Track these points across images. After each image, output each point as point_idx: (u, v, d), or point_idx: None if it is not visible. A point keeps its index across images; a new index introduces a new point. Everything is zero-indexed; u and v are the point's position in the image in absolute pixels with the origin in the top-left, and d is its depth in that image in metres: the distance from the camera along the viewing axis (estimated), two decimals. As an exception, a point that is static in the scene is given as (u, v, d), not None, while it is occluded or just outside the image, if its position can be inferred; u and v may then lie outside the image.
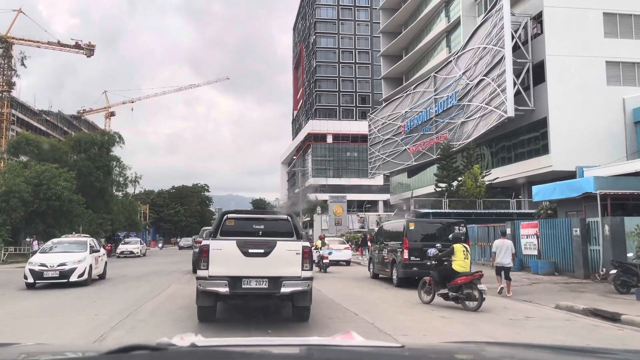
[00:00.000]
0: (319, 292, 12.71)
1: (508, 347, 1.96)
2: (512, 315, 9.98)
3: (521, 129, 33.04)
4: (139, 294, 13.46)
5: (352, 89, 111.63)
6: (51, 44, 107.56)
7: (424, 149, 46.20)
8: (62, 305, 11.92)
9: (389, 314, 10.20)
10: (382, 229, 15.53)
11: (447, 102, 41.93)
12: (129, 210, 43.06)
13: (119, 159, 41.47)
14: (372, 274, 16.26)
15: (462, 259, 10.58)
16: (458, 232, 12.40)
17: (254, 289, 8.09)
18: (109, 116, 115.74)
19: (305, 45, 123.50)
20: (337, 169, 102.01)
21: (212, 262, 8.05)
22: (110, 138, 38.20)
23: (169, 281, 17.03)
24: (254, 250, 8.13)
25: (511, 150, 34.95)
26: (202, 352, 1.43)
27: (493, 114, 33.37)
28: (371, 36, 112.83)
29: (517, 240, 17.92)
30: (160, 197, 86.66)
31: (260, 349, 1.54)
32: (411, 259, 12.70)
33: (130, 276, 19.40)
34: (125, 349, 1.34)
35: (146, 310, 10.58)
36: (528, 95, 31.50)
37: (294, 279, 8.09)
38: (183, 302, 11.39)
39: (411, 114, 49.08)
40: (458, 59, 40.69)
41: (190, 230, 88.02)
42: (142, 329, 8.50)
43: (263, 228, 8.98)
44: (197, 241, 22.92)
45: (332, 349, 1.58)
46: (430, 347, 1.98)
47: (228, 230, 8.78)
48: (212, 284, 8.01)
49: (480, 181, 28.20)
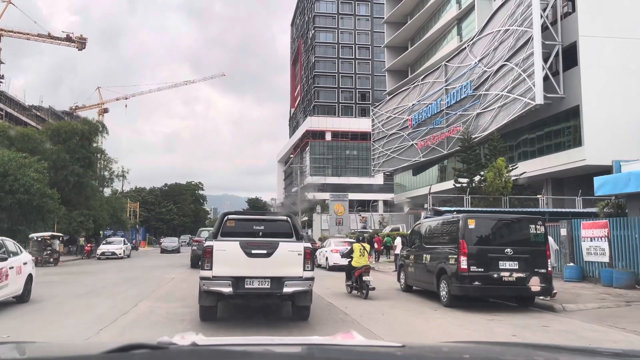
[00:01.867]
0: (346, 316, 9.57)
1: (508, 346, 1.99)
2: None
3: (548, 120, 29.82)
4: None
5: (351, 85, 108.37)
6: (41, 36, 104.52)
7: (434, 143, 42.96)
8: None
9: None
10: (420, 228, 12.10)
11: (460, 92, 38.70)
12: (115, 207, 39.51)
13: (103, 151, 37.99)
14: (404, 285, 12.86)
15: (358, 256, 12.18)
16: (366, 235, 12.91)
17: (256, 288, 8.17)
18: (102, 113, 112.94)
19: (303, 41, 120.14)
20: (336, 168, 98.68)
21: (215, 263, 8.09)
22: (92, 127, 34.66)
23: (140, 295, 12.36)
24: (257, 251, 8.20)
25: (535, 143, 31.72)
26: (203, 351, 1.43)
27: (516, 103, 30.13)
28: (372, 31, 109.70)
29: (576, 244, 14.69)
30: (152, 195, 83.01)
31: (261, 348, 1.53)
32: (471, 269, 9.28)
33: (80, 293, 13.09)
34: (125, 347, 1.32)
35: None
36: (557, 82, 28.30)
37: (296, 279, 8.19)
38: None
39: (419, 106, 45.85)
40: (473, 45, 37.49)
41: (183, 229, 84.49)
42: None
43: (263, 229, 9.04)
44: (196, 240, 24.03)
45: (333, 348, 1.58)
46: (430, 347, 1.93)
47: (228, 231, 8.82)
48: (216, 284, 8.05)
49: (505, 176, 24.93)
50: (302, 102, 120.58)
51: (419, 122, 45.80)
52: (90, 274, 19.97)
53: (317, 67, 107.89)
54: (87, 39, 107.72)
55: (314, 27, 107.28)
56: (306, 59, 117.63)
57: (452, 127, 39.38)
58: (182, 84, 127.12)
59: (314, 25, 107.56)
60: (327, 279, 17.04)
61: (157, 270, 20.78)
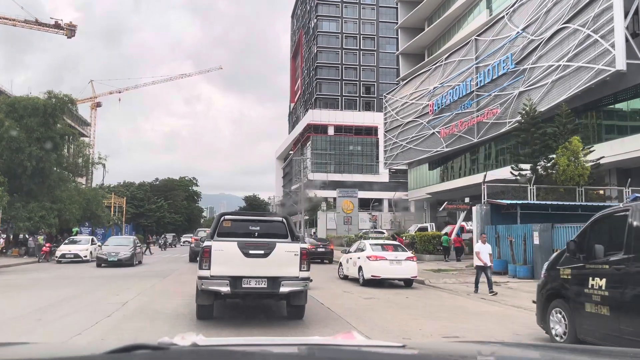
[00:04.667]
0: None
1: (509, 346, 1.95)
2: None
3: (622, 94, 23.97)
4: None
5: (355, 78, 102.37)
6: (28, 22, 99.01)
7: (461, 130, 37.11)
8: None
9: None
10: (633, 220, 5.85)
11: (497, 69, 32.85)
12: (89, 200, 33.27)
13: (74, 133, 31.66)
14: (575, 331, 6.17)
15: None
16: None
17: (253, 288, 8.20)
18: (95, 107, 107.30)
19: (305, 32, 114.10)
20: (338, 164, 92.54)
21: (214, 263, 8.12)
22: (59, 102, 28.36)
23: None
24: (255, 251, 8.25)
25: (601, 124, 25.86)
26: (203, 351, 1.42)
27: (581, 74, 24.30)
28: (377, 21, 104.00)
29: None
30: (141, 190, 76.65)
31: (261, 349, 1.52)
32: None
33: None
34: (126, 348, 1.31)
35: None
36: (638, 45, 22.45)
37: (292, 279, 8.22)
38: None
39: (442, 89, 40.01)
40: (513, 13, 31.67)
41: (174, 228, 78.09)
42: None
43: (259, 229, 9.11)
44: (194, 239, 25.00)
45: (333, 348, 1.57)
46: (430, 347, 1.88)
47: (225, 232, 8.88)
48: (214, 283, 8.06)
49: (581, 161, 19.13)
50: (303, 96, 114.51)
51: (441, 107, 39.95)
52: (18, 288, 13.92)
53: (319, 57, 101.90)
54: (76, 27, 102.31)
55: (317, 15, 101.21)
56: (307, 50, 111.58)
57: (487, 110, 33.51)
58: (178, 77, 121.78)
59: (316, 13, 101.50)
60: (370, 304, 11.12)
61: (112, 284, 14.53)
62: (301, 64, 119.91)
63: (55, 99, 28.47)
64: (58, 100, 28.40)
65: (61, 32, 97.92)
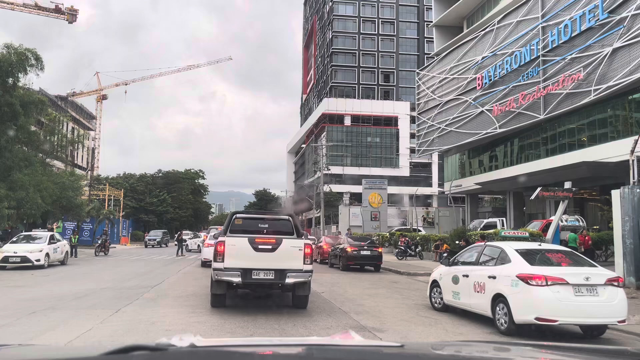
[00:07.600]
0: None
1: (509, 346, 1.94)
2: None
3: None
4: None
5: (374, 65, 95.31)
6: (27, 6, 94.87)
7: (521, 106, 30.15)
8: None
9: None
10: None
11: (578, 23, 25.86)
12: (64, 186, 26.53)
13: (43, 102, 24.73)
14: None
15: None
16: None
17: (262, 279, 9.08)
18: (101, 99, 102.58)
19: (319, 17, 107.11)
20: (355, 156, 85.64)
21: (227, 256, 8.96)
22: (17, 57, 21.61)
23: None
24: (263, 246, 9.07)
25: None
26: (201, 352, 1.42)
27: None
28: (397, 4, 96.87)
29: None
30: (142, 182, 70.02)
31: (259, 349, 1.51)
32: None
33: None
34: (124, 349, 1.31)
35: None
36: None
37: (297, 271, 9.08)
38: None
39: (494, 59, 33.03)
40: (599, -48, 24.66)
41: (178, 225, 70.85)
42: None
43: (267, 227, 10.17)
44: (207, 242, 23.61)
45: (332, 348, 1.56)
46: (429, 347, 1.85)
47: (236, 229, 9.92)
48: (227, 274, 8.95)
49: None
50: (317, 85, 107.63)
51: (493, 80, 32.99)
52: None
53: (334, 43, 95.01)
54: (77, 11, 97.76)
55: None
56: (322, 37, 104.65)
57: (564, 76, 26.50)
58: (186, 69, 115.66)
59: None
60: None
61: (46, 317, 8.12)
62: (314, 52, 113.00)
63: (15, 54, 21.85)
64: (19, 55, 21.77)
65: (62, 16, 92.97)
